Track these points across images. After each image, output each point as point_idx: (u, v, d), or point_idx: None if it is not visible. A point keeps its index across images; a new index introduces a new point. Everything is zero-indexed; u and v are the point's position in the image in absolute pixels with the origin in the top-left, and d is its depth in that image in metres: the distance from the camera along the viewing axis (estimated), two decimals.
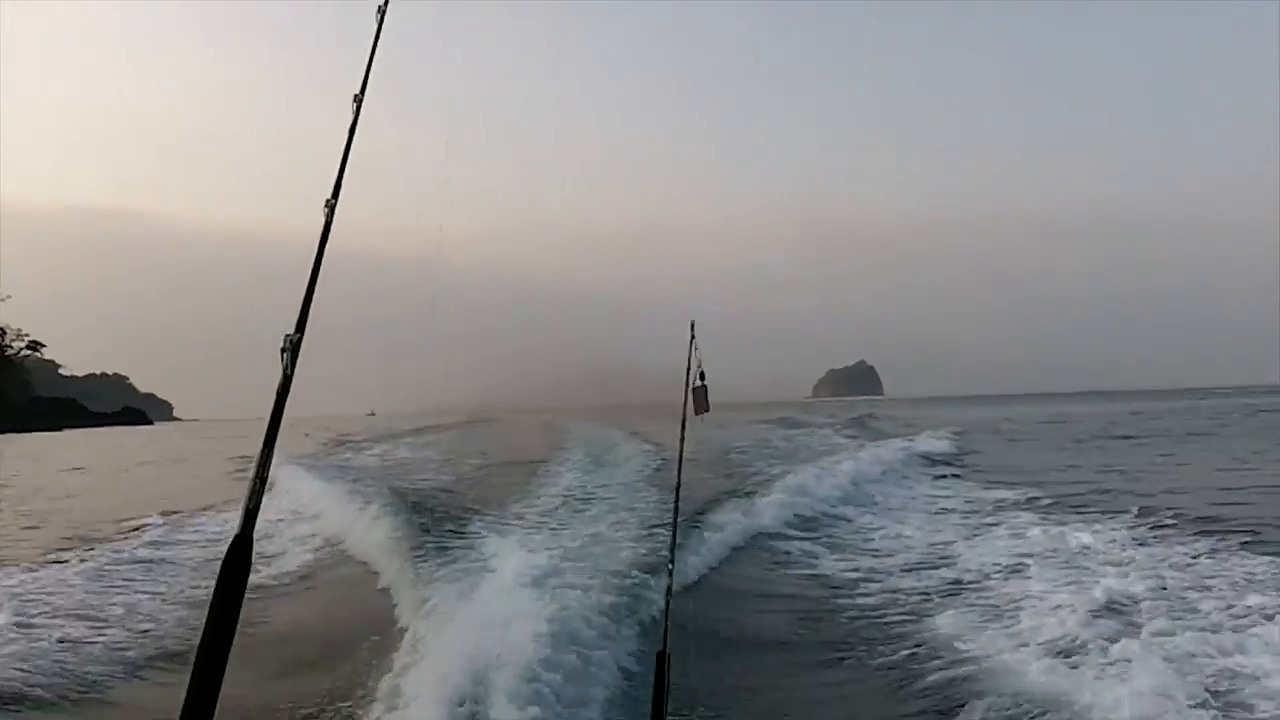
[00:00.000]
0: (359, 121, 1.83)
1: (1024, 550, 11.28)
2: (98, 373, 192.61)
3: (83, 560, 13.10)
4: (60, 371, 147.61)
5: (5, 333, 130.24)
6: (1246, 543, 10.65)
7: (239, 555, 1.61)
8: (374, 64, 1.94)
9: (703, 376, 3.52)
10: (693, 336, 3.58)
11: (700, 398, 3.47)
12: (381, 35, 1.94)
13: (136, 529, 16.34)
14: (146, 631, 9.18)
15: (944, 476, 21.38)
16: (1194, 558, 10.08)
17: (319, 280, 1.68)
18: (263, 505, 1.68)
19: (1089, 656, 6.68)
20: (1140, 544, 11.11)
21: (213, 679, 1.50)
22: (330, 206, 1.72)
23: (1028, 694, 6.03)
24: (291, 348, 1.57)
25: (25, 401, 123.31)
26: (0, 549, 14.79)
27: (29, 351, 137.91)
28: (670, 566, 3.60)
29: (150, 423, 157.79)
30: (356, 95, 1.88)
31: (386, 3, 2.04)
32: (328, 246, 1.70)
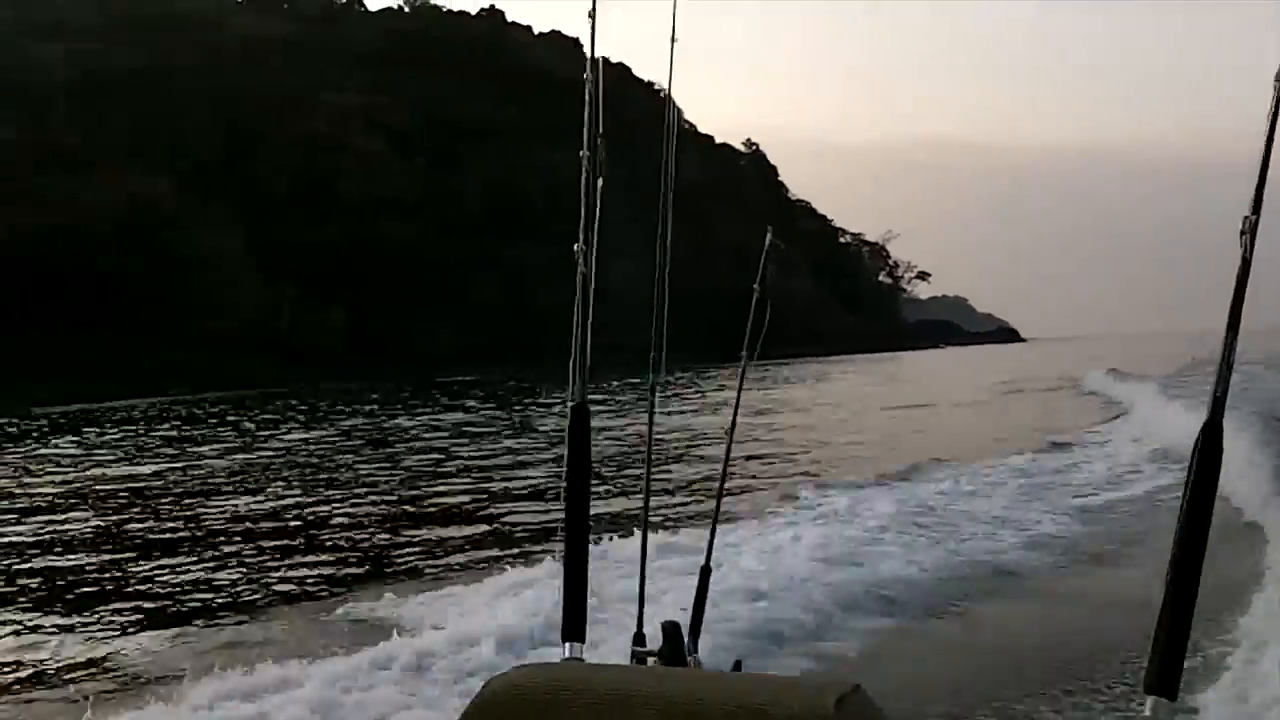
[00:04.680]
0: None
1: None
2: (939, 295, 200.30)
3: None
4: (904, 296, 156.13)
5: (899, 265, 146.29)
6: None
7: (1212, 441, 1.51)
8: None
9: None
10: None
11: None
12: None
13: None
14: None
15: None
16: None
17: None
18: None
19: None
20: None
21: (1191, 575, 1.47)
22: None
23: None
24: (1250, 229, 1.57)
25: (912, 323, 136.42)
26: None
27: (918, 280, 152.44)
28: None
29: (1023, 340, 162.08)
30: None
31: None
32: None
